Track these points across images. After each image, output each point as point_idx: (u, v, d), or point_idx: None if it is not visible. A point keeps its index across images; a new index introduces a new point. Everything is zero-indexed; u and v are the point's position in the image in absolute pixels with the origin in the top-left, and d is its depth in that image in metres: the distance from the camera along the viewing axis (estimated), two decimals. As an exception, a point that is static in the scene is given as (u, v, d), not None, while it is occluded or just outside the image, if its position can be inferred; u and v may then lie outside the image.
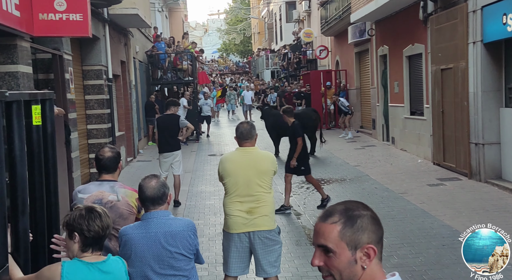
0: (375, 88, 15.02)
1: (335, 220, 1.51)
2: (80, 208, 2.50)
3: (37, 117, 2.94)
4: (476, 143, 8.90)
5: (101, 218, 2.46)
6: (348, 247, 1.49)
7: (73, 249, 2.45)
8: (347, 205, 1.56)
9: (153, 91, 17.74)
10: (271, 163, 4.17)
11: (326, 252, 1.51)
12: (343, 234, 1.49)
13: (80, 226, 2.43)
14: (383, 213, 7.36)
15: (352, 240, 1.49)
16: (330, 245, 1.50)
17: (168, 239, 2.82)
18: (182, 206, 8.24)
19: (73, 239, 2.44)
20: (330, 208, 1.57)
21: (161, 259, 2.81)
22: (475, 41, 8.76)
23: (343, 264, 1.49)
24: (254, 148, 4.21)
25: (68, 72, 8.22)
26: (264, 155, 4.24)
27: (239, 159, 4.15)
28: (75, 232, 2.43)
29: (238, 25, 49.06)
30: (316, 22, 22.93)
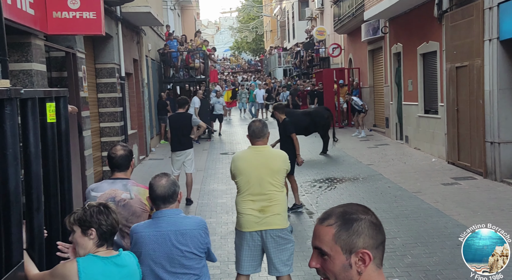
0: (388, 86, 14.90)
1: (331, 222, 1.49)
2: (94, 205, 2.54)
3: (51, 114, 2.95)
4: (492, 141, 8.78)
5: (115, 213, 2.55)
6: (343, 250, 1.46)
7: (87, 245, 2.47)
8: (346, 208, 1.53)
9: (165, 90, 17.79)
10: (283, 162, 4.17)
11: (321, 255, 1.50)
12: (338, 237, 1.47)
13: (99, 221, 2.47)
14: (396, 212, 7.30)
15: (346, 244, 1.46)
16: (325, 248, 1.48)
17: (179, 237, 2.81)
18: (194, 205, 8.25)
19: (88, 235, 2.47)
20: (329, 210, 1.55)
21: (172, 257, 2.81)
22: (491, 38, 8.64)
23: (338, 268, 1.47)
24: (266, 147, 4.21)
25: (81, 70, 8.26)
26: (276, 154, 4.23)
27: (251, 158, 4.15)
28: (91, 228, 2.46)
29: (251, 23, 49.02)
30: (329, 19, 22.82)
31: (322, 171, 10.78)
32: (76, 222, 2.49)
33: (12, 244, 2.41)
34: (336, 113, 17.89)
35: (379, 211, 7.42)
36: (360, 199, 8.18)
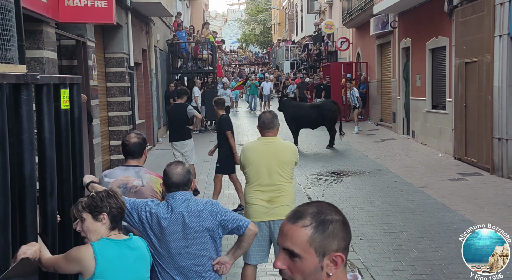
0: (396, 81, 14.85)
1: (306, 223, 1.42)
2: (100, 191, 2.61)
3: (65, 101, 2.99)
4: (500, 138, 8.75)
5: (122, 196, 2.65)
6: (316, 253, 1.40)
7: (100, 231, 2.52)
8: (319, 207, 1.46)
9: (173, 80, 17.82)
10: (292, 153, 4.19)
11: (291, 256, 1.42)
12: (313, 240, 1.40)
13: (109, 205, 2.53)
14: (402, 206, 7.32)
15: (321, 246, 1.41)
16: (297, 250, 1.41)
17: (191, 218, 2.83)
18: (201, 195, 8.30)
19: (100, 220, 2.52)
20: (301, 208, 1.47)
21: (185, 237, 2.82)
22: (502, 34, 8.59)
23: (308, 271, 1.41)
24: (276, 138, 4.22)
25: (91, 59, 8.30)
26: (285, 145, 4.25)
27: (260, 149, 4.19)
28: (103, 213, 2.51)
29: (259, 15, 48.84)
30: (338, 13, 22.71)
31: (328, 164, 10.80)
32: (86, 209, 2.53)
33: (27, 227, 2.45)
34: (343, 107, 17.85)
35: (385, 205, 7.45)
36: (366, 193, 8.20)
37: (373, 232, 6.23)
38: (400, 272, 5.02)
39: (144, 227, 2.84)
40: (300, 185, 8.93)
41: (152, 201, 2.94)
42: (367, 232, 6.24)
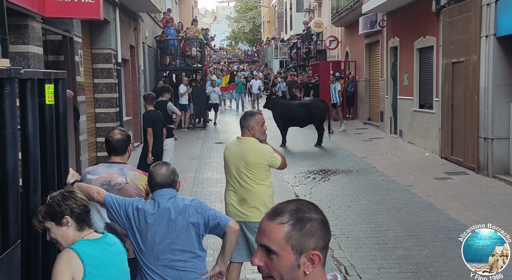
0: (384, 80, 14.93)
1: (283, 220, 1.41)
2: (55, 195, 2.52)
3: (50, 96, 2.95)
4: (485, 137, 8.84)
5: (80, 194, 2.58)
6: (293, 251, 1.39)
7: (68, 234, 2.46)
8: (299, 205, 1.44)
9: (161, 77, 17.73)
10: (259, 156, 4.05)
11: (268, 253, 1.41)
12: (290, 237, 1.39)
13: (69, 206, 2.46)
14: (389, 205, 7.36)
15: (298, 244, 1.39)
16: (274, 247, 1.40)
17: (178, 214, 2.84)
18: (188, 193, 8.27)
19: (65, 225, 2.46)
20: (280, 206, 1.46)
21: (170, 233, 2.83)
22: (488, 35, 8.67)
23: (285, 268, 1.40)
24: (249, 139, 4.10)
25: (78, 55, 8.22)
26: (253, 147, 4.08)
27: (232, 148, 4.18)
28: (65, 216, 2.44)
29: (248, 13, 48.79)
30: (327, 12, 22.76)
31: (316, 162, 10.83)
32: (47, 217, 2.46)
33: (9, 224, 2.42)
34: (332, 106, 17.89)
35: (372, 203, 7.48)
36: (353, 191, 8.23)
37: (360, 230, 6.26)
38: (386, 270, 5.05)
39: (130, 224, 2.84)
40: (288, 183, 8.95)
41: (140, 199, 2.94)
42: (354, 230, 6.26)
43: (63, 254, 2.38)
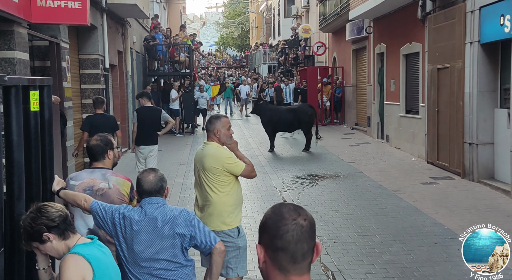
0: (371, 85, 15.05)
1: None
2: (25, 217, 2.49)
3: (35, 103, 2.94)
4: (470, 143, 8.95)
5: (51, 205, 2.52)
6: None
7: (56, 247, 2.45)
8: (283, 207, 1.53)
9: (149, 82, 17.69)
10: (213, 160, 3.88)
11: None
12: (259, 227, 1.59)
13: (43, 223, 2.42)
14: (376, 210, 7.40)
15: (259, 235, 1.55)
16: None
17: (165, 223, 2.83)
18: (176, 198, 8.25)
19: (49, 241, 2.43)
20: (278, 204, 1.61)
21: (155, 242, 2.82)
22: (472, 41, 8.79)
23: None
24: (211, 143, 3.98)
25: (65, 60, 8.18)
26: (210, 152, 3.94)
27: (197, 153, 4.13)
28: (43, 234, 2.42)
29: (236, 19, 48.90)
30: (315, 18, 22.91)
31: (304, 167, 10.87)
32: (28, 240, 2.44)
33: (-7, 232, 2.40)
34: (319, 111, 18.00)
35: (359, 208, 7.53)
36: (341, 196, 8.27)
37: (347, 235, 6.29)
38: (373, 275, 5.08)
39: (116, 231, 2.83)
40: (276, 188, 8.97)
41: (127, 206, 2.93)
42: (341, 235, 6.29)
43: (67, 260, 2.34)
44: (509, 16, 7.67)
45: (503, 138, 8.33)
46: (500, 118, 8.54)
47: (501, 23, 7.92)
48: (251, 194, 8.47)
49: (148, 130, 8.03)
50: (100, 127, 7.17)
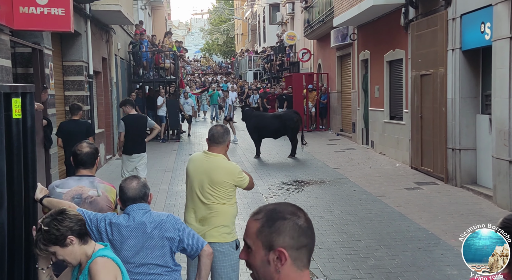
0: (356, 92, 15.17)
1: (258, 217, 1.51)
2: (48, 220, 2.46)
3: (17, 110, 2.91)
4: (453, 148, 9.06)
5: (70, 210, 2.54)
6: (263, 246, 1.48)
7: (76, 251, 2.43)
8: (277, 206, 1.54)
9: (134, 89, 17.62)
10: (226, 175, 3.82)
11: (247, 248, 1.52)
12: (260, 232, 1.49)
13: (67, 226, 2.42)
14: (361, 215, 7.45)
15: (267, 240, 1.48)
16: (249, 241, 1.51)
17: (153, 228, 2.85)
18: (162, 205, 8.20)
19: (70, 244, 2.42)
20: (263, 206, 1.57)
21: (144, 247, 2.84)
22: (454, 48, 8.93)
23: (258, 263, 1.49)
24: (217, 155, 3.88)
25: (48, 67, 8.11)
26: (222, 165, 3.86)
27: (199, 162, 3.92)
28: (68, 237, 2.41)
29: (222, 25, 49.01)
30: (300, 25, 23.07)
31: (290, 173, 10.89)
32: (49, 243, 2.42)
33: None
34: (305, 117, 18.09)
35: (344, 213, 7.56)
36: (326, 202, 8.31)
37: (333, 241, 6.32)
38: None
39: (102, 238, 2.84)
40: (262, 194, 8.97)
41: (112, 213, 2.94)
42: (327, 241, 6.32)
43: (100, 262, 2.37)
44: (489, 24, 7.81)
45: (485, 143, 8.46)
46: (482, 124, 8.67)
47: (482, 30, 8.07)
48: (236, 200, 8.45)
49: (136, 139, 7.90)
50: (70, 133, 7.22)
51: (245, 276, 5.28)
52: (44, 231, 2.41)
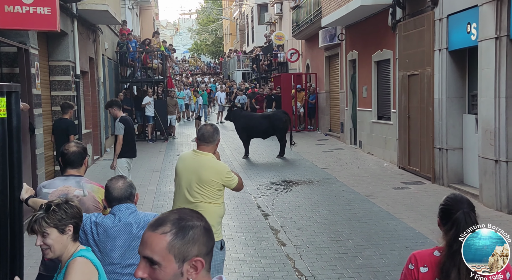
0: (344, 92, 15.24)
1: (166, 230, 1.42)
2: (59, 203, 2.49)
3: (2, 109, 2.88)
4: (440, 148, 9.14)
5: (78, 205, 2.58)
6: (176, 259, 1.41)
7: (66, 243, 2.44)
8: (181, 214, 1.47)
9: (122, 89, 17.52)
10: (215, 174, 3.84)
11: (151, 264, 1.42)
12: (172, 246, 1.41)
13: (73, 215, 2.46)
14: (349, 215, 7.48)
15: (181, 252, 1.41)
16: (156, 257, 1.41)
17: (140, 228, 2.84)
18: (150, 206, 8.16)
19: (66, 233, 2.44)
20: (163, 216, 1.47)
21: (131, 248, 2.82)
22: (441, 49, 9.01)
23: (168, 277, 1.41)
24: (207, 154, 3.91)
25: (34, 67, 8.03)
26: (211, 164, 3.88)
27: (188, 161, 3.95)
28: (69, 225, 2.44)
29: (210, 25, 48.91)
30: (288, 25, 23.10)
31: (278, 173, 10.90)
32: (51, 224, 2.43)
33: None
34: (294, 117, 18.12)
35: (332, 213, 7.59)
36: (314, 202, 8.33)
37: (321, 240, 6.33)
38: (346, 279, 5.12)
39: (87, 239, 2.81)
40: (251, 194, 8.97)
41: (98, 214, 2.92)
42: (315, 241, 6.33)
43: (78, 261, 2.37)
44: (475, 24, 7.89)
45: (471, 143, 8.54)
46: (468, 123, 8.75)
47: (468, 31, 8.15)
48: (225, 200, 8.42)
49: (134, 140, 7.84)
50: (54, 131, 7.30)
51: (233, 276, 5.28)
52: (53, 210, 2.43)
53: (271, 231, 6.83)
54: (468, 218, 2.31)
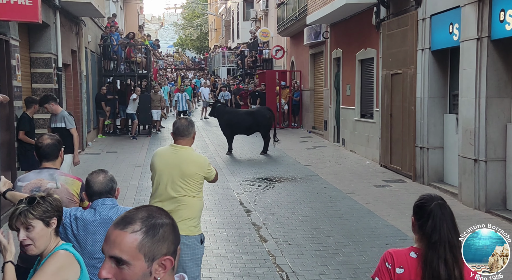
0: (328, 90, 15.30)
1: (135, 228, 1.38)
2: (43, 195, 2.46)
3: (-21, 101, 2.83)
4: (421, 146, 9.25)
5: None
6: (145, 258, 1.38)
7: (49, 236, 2.40)
8: (149, 211, 1.43)
9: (105, 83, 17.34)
10: (197, 167, 3.86)
11: (118, 264, 1.37)
12: (143, 245, 1.37)
13: (58, 207, 2.45)
14: (331, 212, 7.53)
15: (151, 251, 1.38)
16: (125, 256, 1.36)
17: None
18: (131, 201, 8.10)
19: (51, 226, 2.42)
20: (130, 214, 1.43)
21: None
22: (424, 48, 9.10)
23: (136, 277, 1.38)
24: (186, 148, 3.91)
25: (15, 59, 7.90)
26: (192, 157, 3.91)
27: (167, 156, 3.92)
28: (53, 218, 2.42)
29: (195, 20, 48.63)
30: (273, 22, 23.09)
31: (261, 170, 10.92)
32: (37, 216, 2.39)
33: None
34: (278, 114, 18.15)
35: (314, 210, 7.63)
36: (297, 198, 8.36)
37: (302, 237, 6.36)
38: (326, 276, 5.16)
39: (66, 233, 2.78)
40: (233, 190, 8.96)
41: (78, 208, 2.89)
42: (297, 237, 6.36)
43: (61, 254, 2.32)
44: (457, 25, 7.99)
45: (452, 142, 8.65)
46: (449, 123, 8.87)
47: (450, 31, 8.24)
48: (208, 196, 8.42)
49: None
50: None
51: (214, 272, 5.28)
52: (37, 202, 2.40)
53: (253, 227, 6.84)
54: (444, 209, 2.34)
